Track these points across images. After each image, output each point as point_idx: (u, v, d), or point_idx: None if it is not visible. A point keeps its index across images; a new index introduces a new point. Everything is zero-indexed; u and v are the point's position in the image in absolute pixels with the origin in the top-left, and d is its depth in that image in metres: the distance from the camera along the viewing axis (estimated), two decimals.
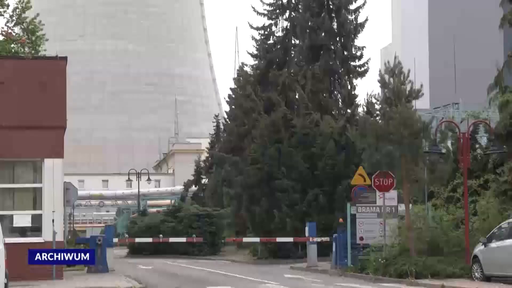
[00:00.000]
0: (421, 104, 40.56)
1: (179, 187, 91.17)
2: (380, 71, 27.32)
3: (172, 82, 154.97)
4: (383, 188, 27.69)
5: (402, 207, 28.29)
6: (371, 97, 36.58)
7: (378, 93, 28.11)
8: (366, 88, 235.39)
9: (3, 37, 29.67)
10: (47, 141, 24.47)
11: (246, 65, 58.54)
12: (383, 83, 26.87)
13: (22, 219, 24.42)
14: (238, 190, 46.68)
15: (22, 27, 34.77)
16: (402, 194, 27.60)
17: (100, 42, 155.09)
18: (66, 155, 25.35)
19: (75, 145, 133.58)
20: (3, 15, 34.90)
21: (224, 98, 64.57)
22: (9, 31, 26.79)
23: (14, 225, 24.25)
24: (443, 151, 26.22)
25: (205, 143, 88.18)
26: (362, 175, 31.44)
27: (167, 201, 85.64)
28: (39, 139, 24.44)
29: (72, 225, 69.98)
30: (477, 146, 36.03)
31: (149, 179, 77.00)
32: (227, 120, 62.85)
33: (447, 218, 28.54)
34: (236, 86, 58.52)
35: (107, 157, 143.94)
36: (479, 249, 23.42)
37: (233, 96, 59.23)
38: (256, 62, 56.49)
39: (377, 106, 28.91)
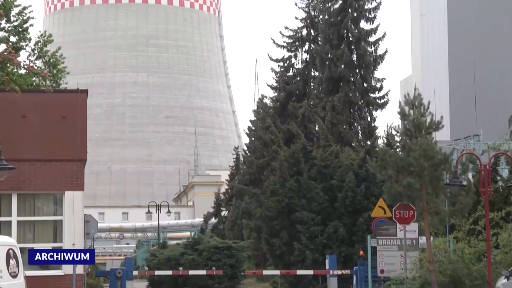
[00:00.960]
0: (442, 135, 40.48)
1: (198, 220, 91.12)
2: (400, 102, 27.26)
3: (192, 114, 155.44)
4: (403, 221, 27.52)
5: (423, 240, 28.08)
6: (391, 129, 36.57)
7: (398, 125, 28.04)
8: (386, 120, 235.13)
9: (25, 71, 29.94)
10: (67, 173, 24.57)
11: (266, 97, 58.75)
12: (403, 115, 26.79)
13: None
14: (257, 222, 46.57)
15: (44, 60, 35.13)
16: (423, 226, 27.41)
17: (120, 75, 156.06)
18: (86, 187, 25.42)
19: (95, 177, 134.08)
20: (25, 49, 35.31)
21: (244, 130, 64.75)
22: (31, 64, 27.01)
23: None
24: (464, 183, 26.05)
25: (224, 175, 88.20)
26: (383, 207, 31.31)
27: (187, 234, 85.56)
28: (59, 172, 24.54)
29: None
30: (498, 178, 35.80)
31: (168, 211, 77.07)
32: (247, 152, 62.89)
33: (469, 251, 28.28)
34: (255, 118, 58.64)
35: (127, 189, 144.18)
36: (501, 282, 23.17)
37: (253, 128, 59.33)
38: (276, 94, 56.65)
39: (397, 138, 28.88)
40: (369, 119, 50.08)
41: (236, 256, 54.09)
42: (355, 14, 50.80)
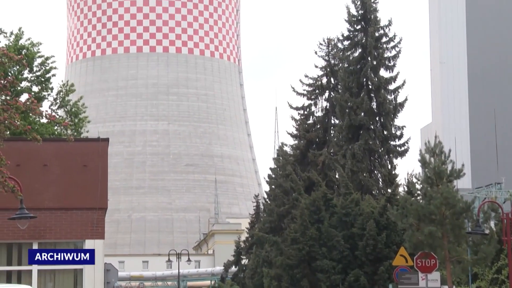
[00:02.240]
0: (463, 183, 40.27)
1: (219, 268, 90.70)
2: (420, 150, 27.25)
3: (212, 162, 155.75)
4: (425, 269, 27.27)
5: None
6: (412, 177, 36.41)
7: (419, 173, 27.98)
8: (407, 168, 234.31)
9: (46, 120, 30.22)
10: (88, 222, 24.61)
11: (286, 145, 58.80)
12: (423, 163, 26.75)
13: None
14: (278, 270, 46.29)
15: (66, 109, 35.49)
16: (445, 275, 27.15)
17: (141, 123, 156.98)
18: (106, 236, 25.44)
19: (115, 225, 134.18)
20: (47, 98, 35.71)
21: (264, 178, 64.67)
22: (53, 114, 27.31)
23: None
24: (487, 231, 25.87)
25: (245, 223, 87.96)
26: (404, 255, 31.07)
27: (207, 282, 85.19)
28: (80, 220, 24.59)
29: None
30: None
31: (189, 260, 76.79)
32: (267, 200, 62.74)
33: None
34: (276, 166, 58.62)
35: (147, 238, 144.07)
36: None
37: (273, 176, 59.28)
38: (296, 142, 56.71)
39: (418, 186, 28.74)
40: (389, 166, 49.95)
41: None
42: (375, 62, 50.96)
